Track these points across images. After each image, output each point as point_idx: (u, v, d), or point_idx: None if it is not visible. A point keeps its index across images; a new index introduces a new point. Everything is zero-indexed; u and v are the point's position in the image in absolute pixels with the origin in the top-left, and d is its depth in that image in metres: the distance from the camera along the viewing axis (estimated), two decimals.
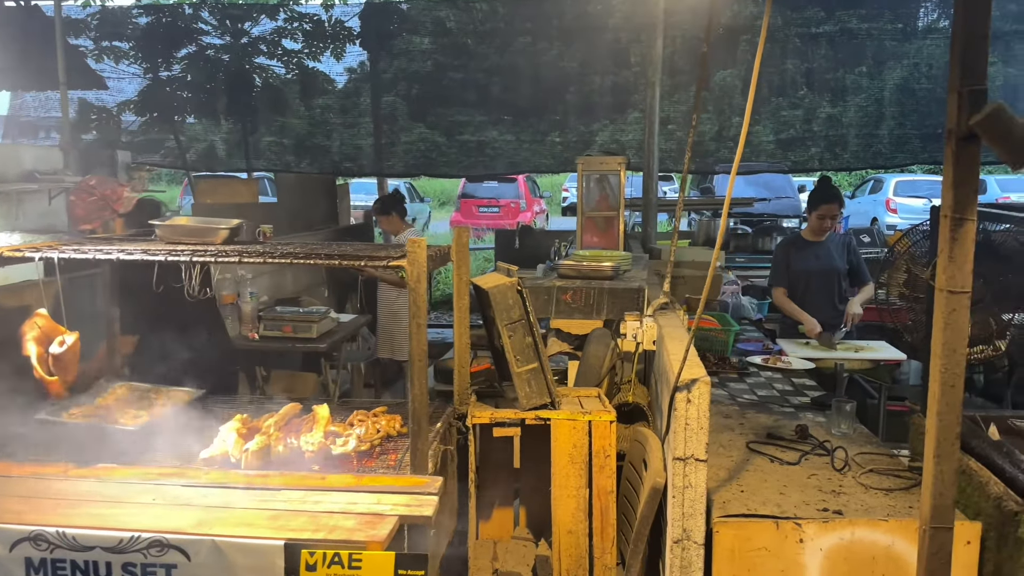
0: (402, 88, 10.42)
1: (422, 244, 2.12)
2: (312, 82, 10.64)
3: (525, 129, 10.05)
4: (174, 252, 2.24)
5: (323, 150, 10.46)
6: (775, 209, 12.36)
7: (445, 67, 10.21)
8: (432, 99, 10.25)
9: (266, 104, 10.63)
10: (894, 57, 9.54)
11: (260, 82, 10.76)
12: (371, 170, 10.83)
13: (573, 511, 2.84)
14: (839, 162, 10.26)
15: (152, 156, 10.75)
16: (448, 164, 10.53)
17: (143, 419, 2.56)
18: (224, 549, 1.82)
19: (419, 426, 2.18)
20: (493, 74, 10.02)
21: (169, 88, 10.43)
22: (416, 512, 1.97)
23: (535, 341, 2.85)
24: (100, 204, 3.21)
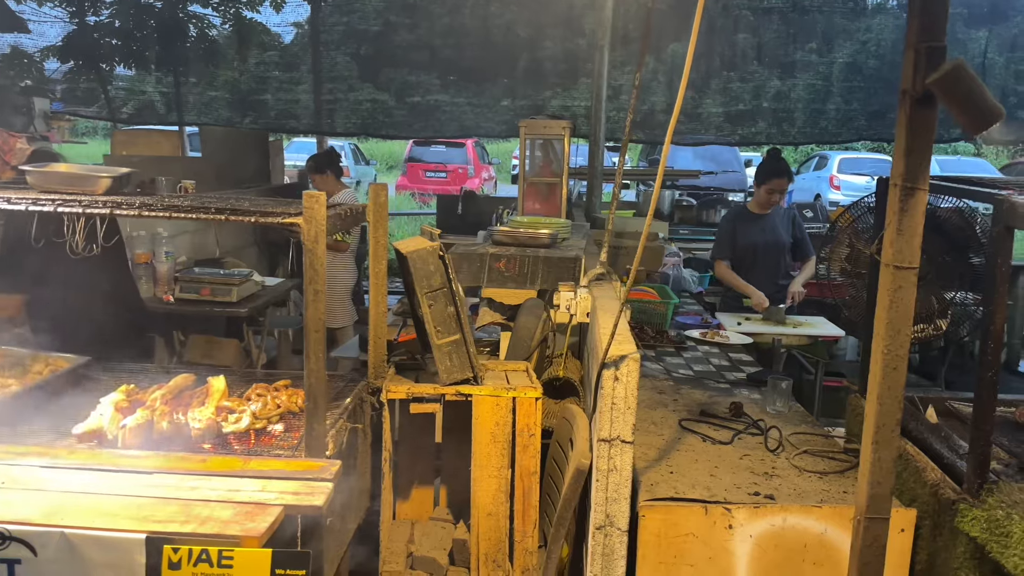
0: (351, 46, 10.04)
1: (321, 199, 1.88)
2: (250, 34, 10.14)
3: (476, 94, 9.77)
4: (39, 201, 1.96)
5: (261, 105, 10.01)
6: (721, 183, 12.33)
7: (396, 26, 9.85)
8: (382, 59, 9.87)
9: (200, 56, 10.10)
10: (844, 34, 9.51)
11: (195, 32, 10.21)
12: (310, 127, 10.41)
13: (494, 492, 2.65)
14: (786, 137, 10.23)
15: (79, 107, 10.16)
16: (396, 126, 10.21)
17: (13, 388, 2.28)
18: (75, 543, 1.58)
19: (316, 404, 1.95)
20: (446, 36, 9.69)
21: (96, 35, 9.81)
22: (305, 501, 1.76)
23: (457, 311, 2.64)
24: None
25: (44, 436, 2.17)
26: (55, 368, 2.48)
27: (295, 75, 10.03)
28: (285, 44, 10.28)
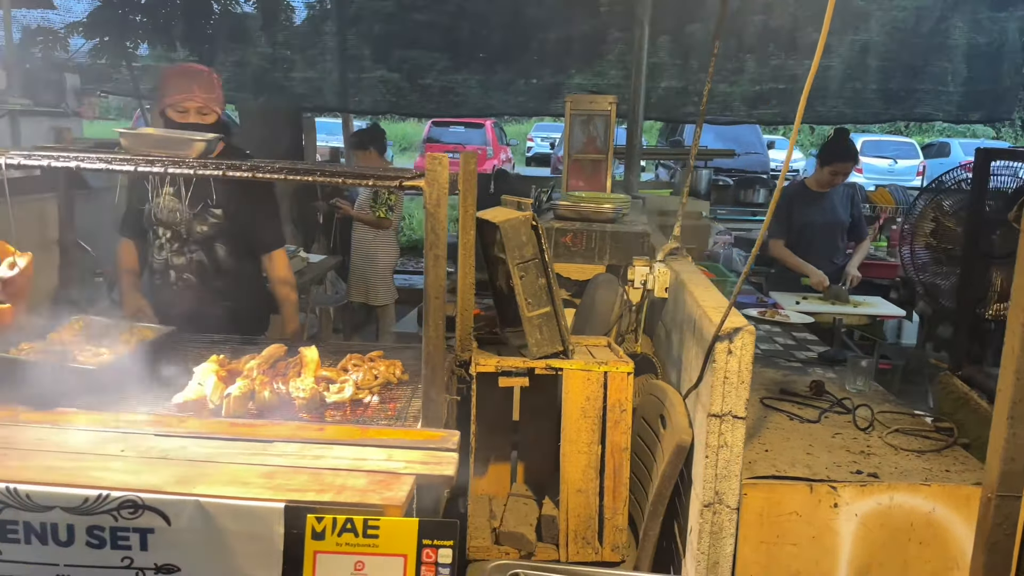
0: (364, 27, 9.94)
1: (444, 162, 1.81)
2: (275, 11, 10.02)
3: (490, 75, 9.67)
4: (148, 162, 1.90)
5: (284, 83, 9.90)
6: (744, 165, 12.19)
7: (409, 7, 9.73)
8: (396, 40, 9.76)
9: (225, 33, 10.00)
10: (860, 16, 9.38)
11: (219, 9, 10.10)
12: (336, 105, 10.30)
13: (583, 468, 2.60)
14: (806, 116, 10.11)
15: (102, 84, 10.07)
16: (409, 106, 10.14)
17: (105, 357, 2.23)
18: (211, 512, 1.53)
19: (433, 372, 1.90)
20: (460, 17, 9.57)
21: (122, 11, 9.71)
22: (435, 471, 1.71)
23: (549, 283, 2.57)
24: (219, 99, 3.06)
25: (144, 405, 2.12)
26: (142, 337, 2.43)
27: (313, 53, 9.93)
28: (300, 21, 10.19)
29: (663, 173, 13.54)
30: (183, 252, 3.04)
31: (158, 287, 3.07)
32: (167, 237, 3.03)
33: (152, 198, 2.99)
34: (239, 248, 3.08)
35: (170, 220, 3.00)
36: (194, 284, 3.03)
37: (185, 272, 3.04)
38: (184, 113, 2.94)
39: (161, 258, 3.05)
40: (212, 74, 3.07)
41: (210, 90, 3.00)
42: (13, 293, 1.92)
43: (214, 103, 3.01)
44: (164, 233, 3.02)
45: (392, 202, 5.97)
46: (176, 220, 2.99)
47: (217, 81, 3.07)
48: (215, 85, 3.04)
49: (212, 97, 3.00)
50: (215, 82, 3.06)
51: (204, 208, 2.98)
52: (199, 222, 3.00)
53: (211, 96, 3.00)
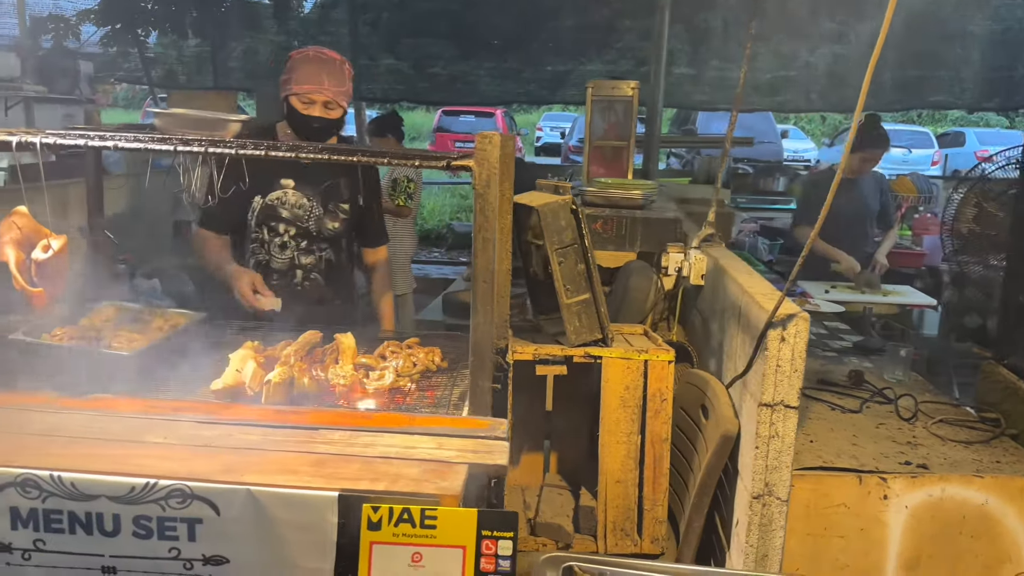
0: (372, 15, 9.86)
1: (495, 140, 1.75)
2: None
3: (499, 64, 9.59)
4: (186, 142, 1.84)
5: None
6: (757, 154, 12.09)
7: None
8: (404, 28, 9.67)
9: (237, 20, 9.92)
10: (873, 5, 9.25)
11: None
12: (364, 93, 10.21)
13: (623, 459, 2.55)
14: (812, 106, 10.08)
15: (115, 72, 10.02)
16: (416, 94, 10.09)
17: (139, 343, 2.19)
18: (262, 501, 1.48)
19: (481, 360, 1.85)
20: (468, 6, 9.48)
21: None
22: (487, 460, 1.65)
23: (588, 269, 2.51)
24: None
25: (180, 392, 2.08)
26: (174, 324, 2.38)
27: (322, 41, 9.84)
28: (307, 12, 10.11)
29: (674, 162, 13.45)
30: (311, 251, 2.88)
31: (276, 287, 2.84)
32: (291, 235, 2.86)
33: (264, 192, 2.83)
34: (356, 244, 3.02)
35: (295, 216, 2.84)
36: (321, 284, 2.91)
37: (313, 272, 2.90)
38: (309, 105, 2.74)
39: (285, 257, 2.88)
40: (345, 64, 2.81)
41: (341, 83, 2.77)
42: (47, 277, 1.87)
43: (343, 97, 2.79)
44: (287, 230, 2.86)
45: (411, 190, 5.91)
46: (303, 216, 2.84)
47: (349, 73, 2.83)
48: (346, 77, 2.81)
49: (342, 91, 2.78)
50: (347, 74, 2.81)
51: (335, 204, 2.86)
52: (330, 219, 2.86)
53: (341, 90, 2.77)
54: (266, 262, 2.90)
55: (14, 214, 1.87)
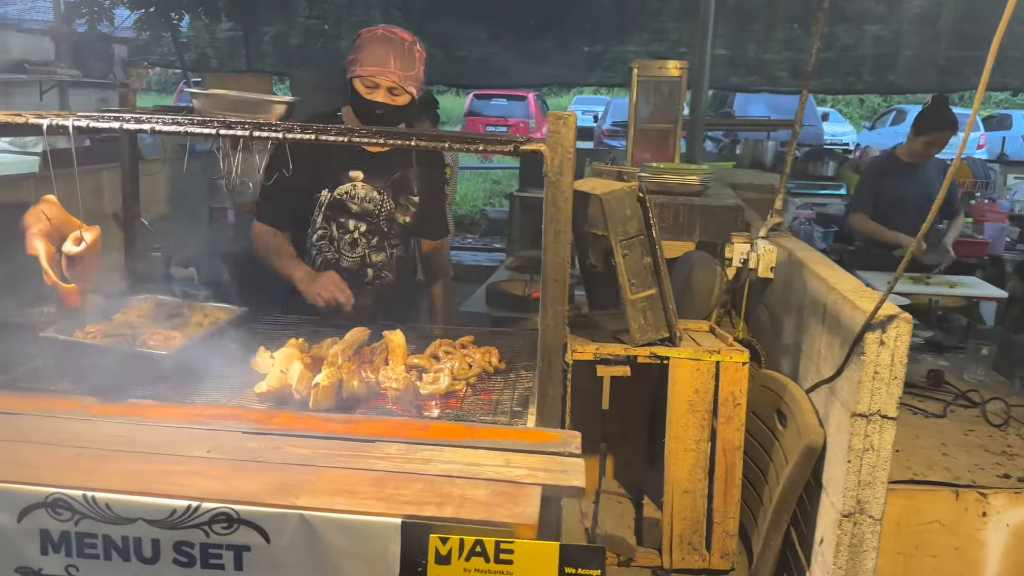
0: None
1: (570, 121, 1.57)
2: None
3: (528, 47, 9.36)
4: (228, 125, 1.68)
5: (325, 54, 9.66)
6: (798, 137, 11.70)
7: None
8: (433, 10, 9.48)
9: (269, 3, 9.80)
10: None
11: None
12: None
13: (691, 468, 2.36)
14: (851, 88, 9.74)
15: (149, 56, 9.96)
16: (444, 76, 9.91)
17: (177, 341, 2.04)
18: (317, 527, 1.32)
19: (550, 365, 1.67)
20: None
21: None
22: (562, 480, 1.48)
23: (656, 262, 2.32)
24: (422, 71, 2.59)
25: (223, 394, 1.93)
26: (215, 319, 2.23)
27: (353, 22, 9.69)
28: None
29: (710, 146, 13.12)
30: (383, 247, 2.68)
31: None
32: (361, 231, 2.65)
33: (332, 185, 2.63)
34: (437, 237, 2.87)
35: (365, 211, 2.64)
36: (391, 282, 2.72)
37: (384, 270, 2.71)
38: (373, 89, 2.51)
39: (356, 255, 2.67)
40: (416, 45, 2.56)
41: (409, 66, 2.52)
42: (79, 272, 1.72)
43: (410, 82, 2.53)
44: (357, 227, 2.66)
45: (447, 176, 5.73)
46: (374, 211, 2.63)
47: (420, 55, 2.57)
48: (416, 60, 2.54)
49: (410, 76, 2.52)
50: (417, 57, 2.55)
51: (405, 197, 2.65)
52: (402, 212, 2.67)
53: (408, 75, 2.52)
54: (335, 260, 2.68)
55: (43, 203, 1.72)
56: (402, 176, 2.65)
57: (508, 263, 4.79)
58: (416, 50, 2.55)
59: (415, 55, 2.54)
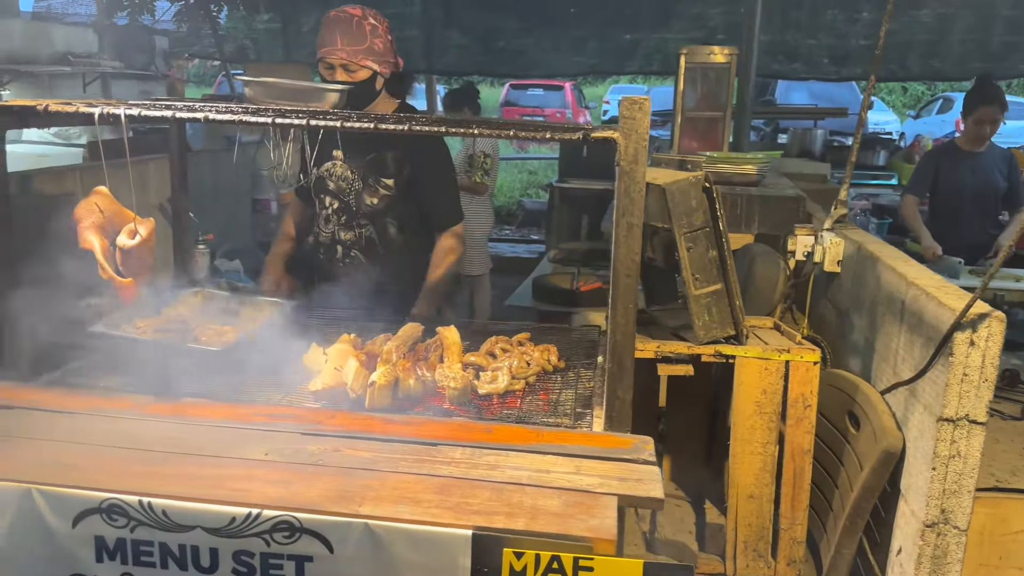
0: None
1: (645, 106, 1.47)
2: None
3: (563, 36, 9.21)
4: (285, 114, 1.61)
5: None
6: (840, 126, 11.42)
7: None
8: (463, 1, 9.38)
9: None
10: None
11: None
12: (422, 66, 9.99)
13: (757, 472, 2.26)
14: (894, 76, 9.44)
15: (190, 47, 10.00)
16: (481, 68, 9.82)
17: (228, 336, 1.98)
18: (382, 537, 1.25)
19: (621, 366, 1.57)
20: None
21: None
22: (638, 491, 1.39)
23: (722, 256, 2.21)
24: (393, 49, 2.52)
25: (276, 391, 1.86)
26: (264, 313, 2.17)
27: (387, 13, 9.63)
28: None
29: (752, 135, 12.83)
30: (351, 226, 2.65)
31: (323, 262, 2.72)
32: (334, 208, 2.66)
33: (320, 163, 2.63)
34: (413, 224, 2.67)
35: (338, 190, 2.63)
36: (362, 263, 2.67)
37: (353, 249, 2.68)
38: (330, 70, 2.44)
39: (328, 231, 2.69)
40: (367, 19, 2.45)
41: (358, 40, 2.42)
42: (134, 266, 1.67)
43: (363, 56, 2.42)
44: (332, 203, 2.66)
45: (488, 166, 5.65)
46: (345, 190, 2.61)
47: (371, 27, 2.44)
48: (366, 33, 2.43)
49: (360, 50, 2.42)
50: (367, 30, 2.43)
51: (375, 178, 2.60)
52: (369, 194, 2.61)
53: (358, 48, 2.41)
54: (316, 235, 2.75)
55: (95, 195, 1.67)
56: (376, 158, 2.58)
57: (552, 255, 4.68)
58: (367, 23, 2.45)
59: (364, 28, 2.45)
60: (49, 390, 1.70)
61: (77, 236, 1.66)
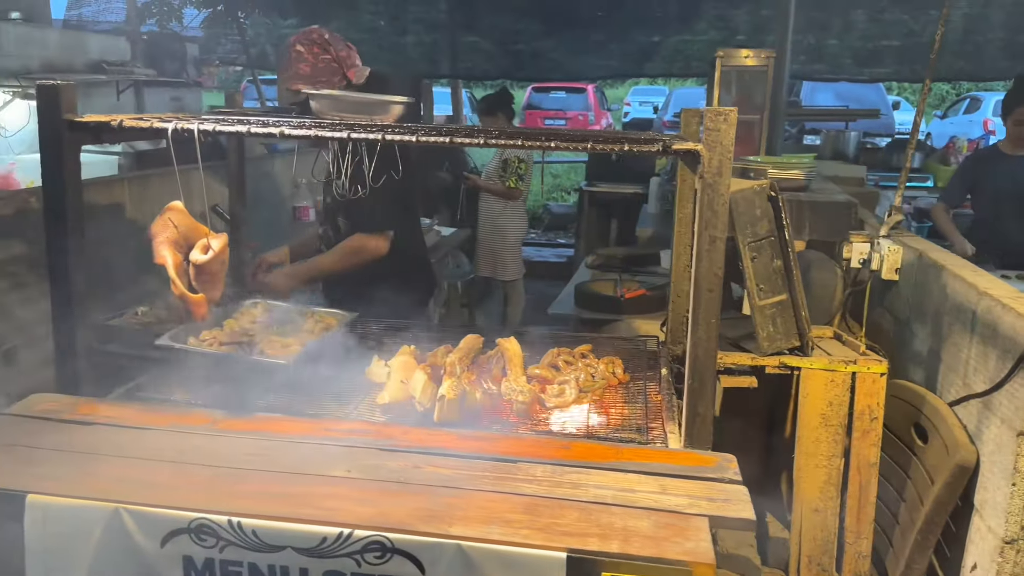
0: None
1: (731, 117, 1.44)
2: None
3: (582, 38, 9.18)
4: (358, 128, 1.59)
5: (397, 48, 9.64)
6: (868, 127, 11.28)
7: None
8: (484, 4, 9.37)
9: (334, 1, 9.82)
10: None
11: None
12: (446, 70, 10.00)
13: (822, 485, 2.22)
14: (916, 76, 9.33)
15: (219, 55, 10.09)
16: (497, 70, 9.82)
17: (293, 349, 1.98)
18: (475, 559, 1.24)
19: (702, 382, 1.55)
20: None
21: None
22: (728, 511, 1.37)
23: (787, 265, 2.18)
24: (332, 67, 2.50)
25: (342, 404, 1.86)
26: (326, 325, 2.17)
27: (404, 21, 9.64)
28: None
29: None
30: (321, 223, 2.82)
31: None
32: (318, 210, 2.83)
33: None
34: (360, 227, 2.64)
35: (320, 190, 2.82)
36: None
37: (322, 245, 2.80)
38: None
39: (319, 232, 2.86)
40: (292, 48, 2.55)
41: (285, 68, 2.57)
42: (206, 281, 1.67)
43: (293, 81, 2.51)
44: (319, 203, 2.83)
45: (523, 171, 5.64)
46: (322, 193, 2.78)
47: (296, 54, 2.53)
48: (291, 61, 2.53)
49: (286, 76, 2.55)
50: (292, 57, 2.54)
51: (332, 183, 2.58)
52: (327, 193, 2.72)
53: (285, 75, 2.55)
54: None
55: (169, 210, 1.67)
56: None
57: (589, 261, 4.65)
58: (293, 50, 2.56)
59: (290, 55, 2.57)
60: (126, 405, 1.69)
61: (152, 251, 1.66)
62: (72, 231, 1.65)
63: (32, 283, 2.63)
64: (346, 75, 2.57)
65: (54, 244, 1.66)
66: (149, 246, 1.67)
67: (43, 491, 1.33)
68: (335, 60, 2.55)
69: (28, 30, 6.56)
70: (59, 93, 1.62)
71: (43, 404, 1.67)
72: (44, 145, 1.64)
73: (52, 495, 1.32)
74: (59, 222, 1.65)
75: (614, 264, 4.47)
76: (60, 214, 1.64)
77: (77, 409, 1.64)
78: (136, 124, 1.64)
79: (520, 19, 9.29)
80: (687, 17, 9.00)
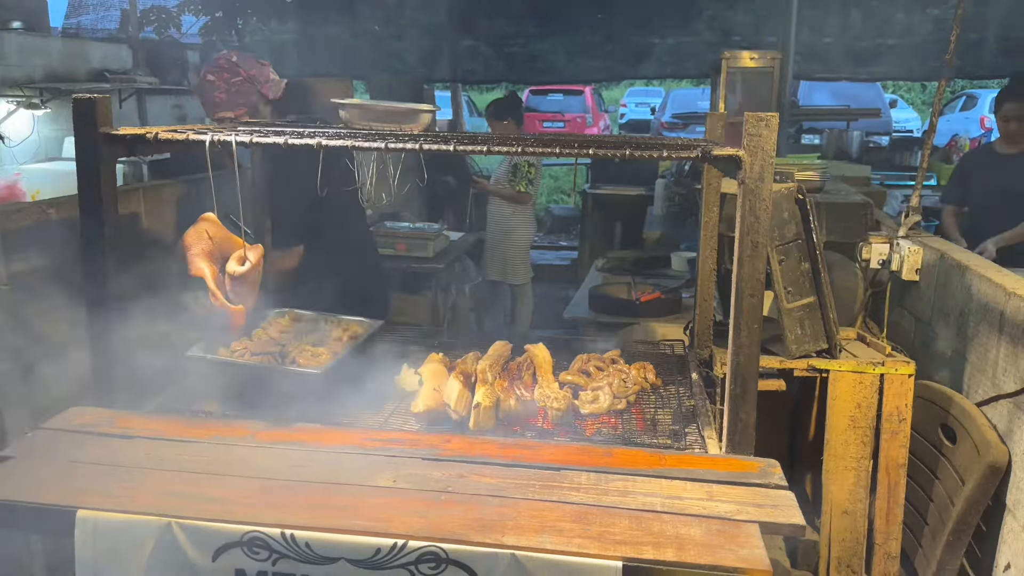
0: None
1: (772, 123, 1.45)
2: None
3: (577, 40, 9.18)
4: (397, 138, 1.60)
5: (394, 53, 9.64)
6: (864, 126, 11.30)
7: None
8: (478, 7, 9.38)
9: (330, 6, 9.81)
10: None
11: None
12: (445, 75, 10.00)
13: (851, 487, 2.23)
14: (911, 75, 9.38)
15: None
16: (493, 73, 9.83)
17: (324, 358, 1.97)
18: (531, 569, 1.24)
19: (744, 388, 1.55)
20: None
21: None
22: (778, 517, 1.37)
23: (815, 268, 2.19)
24: (246, 87, 2.55)
25: (375, 413, 1.86)
26: (353, 334, 2.17)
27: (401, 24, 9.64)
28: None
29: None
30: None
31: None
32: None
33: None
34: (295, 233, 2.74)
35: None
36: None
37: None
38: None
39: None
40: (204, 79, 2.67)
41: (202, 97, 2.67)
42: (242, 292, 1.67)
43: (213, 110, 2.61)
44: None
45: (532, 176, 5.65)
46: None
47: (209, 83, 2.62)
48: (206, 90, 2.64)
49: (205, 104, 2.65)
50: (205, 87, 2.64)
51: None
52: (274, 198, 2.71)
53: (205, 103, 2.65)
54: None
55: (203, 221, 1.67)
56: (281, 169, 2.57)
57: (600, 264, 4.66)
58: (205, 81, 2.66)
59: (204, 86, 2.67)
60: (165, 419, 1.69)
61: (186, 263, 1.66)
62: (109, 243, 1.65)
63: (50, 295, 2.63)
64: (261, 92, 2.63)
65: (91, 257, 1.66)
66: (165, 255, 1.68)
67: (92, 506, 1.33)
68: (247, 80, 2.62)
69: (30, 39, 6.55)
70: (95, 106, 1.62)
71: (81, 417, 1.67)
72: (80, 158, 1.64)
73: (102, 510, 1.32)
74: (96, 235, 1.64)
75: (624, 267, 4.48)
76: (97, 227, 1.64)
77: (116, 422, 1.64)
78: (171, 136, 1.64)
79: (516, 22, 9.30)
80: (682, 18, 9.01)
